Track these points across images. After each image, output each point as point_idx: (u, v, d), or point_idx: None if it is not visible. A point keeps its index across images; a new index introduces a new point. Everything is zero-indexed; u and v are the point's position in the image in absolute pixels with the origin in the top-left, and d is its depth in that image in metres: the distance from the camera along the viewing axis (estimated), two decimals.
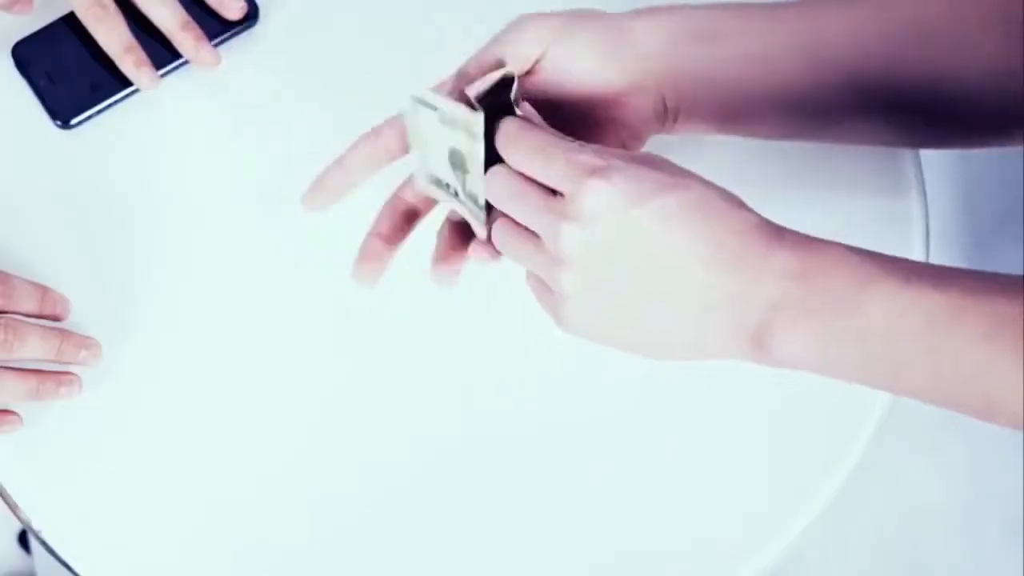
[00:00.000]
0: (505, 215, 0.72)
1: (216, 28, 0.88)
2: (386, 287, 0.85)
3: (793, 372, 0.84)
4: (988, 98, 0.79)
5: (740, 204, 0.69)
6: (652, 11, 0.78)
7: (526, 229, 0.71)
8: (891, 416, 0.86)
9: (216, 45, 0.88)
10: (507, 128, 0.71)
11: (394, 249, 0.78)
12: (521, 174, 0.71)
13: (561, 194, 0.69)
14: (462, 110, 0.70)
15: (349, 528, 0.81)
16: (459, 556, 0.81)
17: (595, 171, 0.68)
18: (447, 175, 0.74)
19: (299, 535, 0.81)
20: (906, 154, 0.89)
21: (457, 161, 0.73)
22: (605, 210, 0.68)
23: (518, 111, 0.73)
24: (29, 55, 0.87)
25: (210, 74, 0.88)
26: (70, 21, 0.87)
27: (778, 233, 0.68)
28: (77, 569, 0.80)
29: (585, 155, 0.69)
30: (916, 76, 0.79)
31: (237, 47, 0.89)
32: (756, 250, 0.68)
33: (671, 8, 0.78)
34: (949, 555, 1.03)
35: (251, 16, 0.89)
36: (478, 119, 0.69)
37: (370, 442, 0.82)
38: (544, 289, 0.72)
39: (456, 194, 0.74)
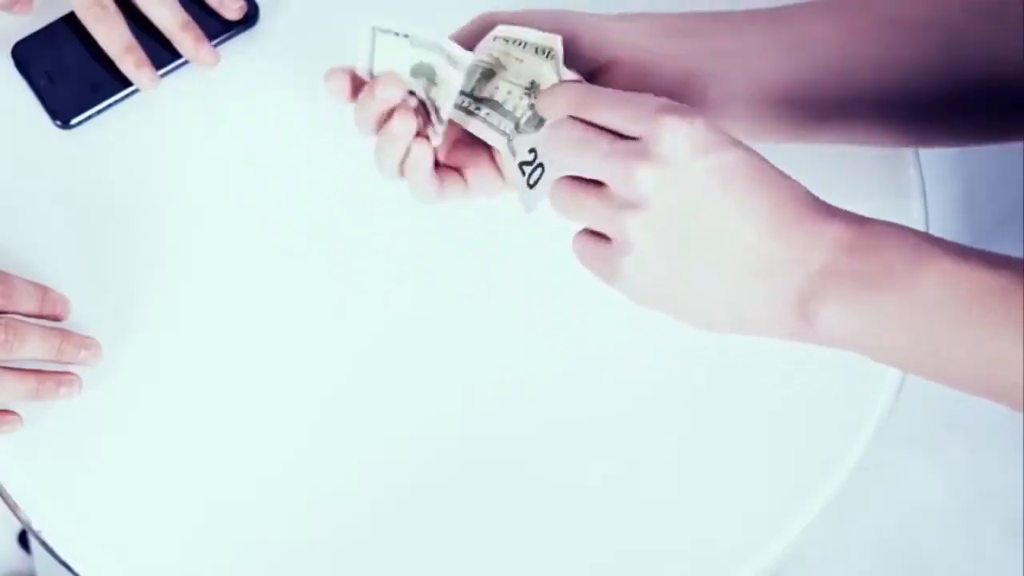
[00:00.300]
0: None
1: (216, 28, 0.88)
2: (386, 287, 0.85)
3: (792, 371, 0.84)
4: (985, 93, 0.79)
5: (790, 177, 0.70)
6: (632, 14, 0.78)
7: (589, 184, 0.70)
8: (891, 416, 0.86)
9: (216, 45, 0.88)
10: (571, 91, 0.71)
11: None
12: (587, 125, 0.70)
13: (633, 139, 0.69)
14: (454, 47, 0.72)
15: (349, 528, 0.81)
16: (459, 556, 0.81)
17: (672, 109, 0.68)
18: (407, 82, 0.75)
19: (299, 535, 0.81)
20: (907, 154, 0.89)
21: (422, 71, 0.74)
22: (682, 151, 0.67)
23: (570, 74, 0.73)
24: (29, 55, 0.87)
25: (210, 74, 0.88)
26: (70, 21, 0.87)
27: (828, 207, 0.69)
28: (77, 569, 0.80)
29: (659, 100, 0.69)
30: (906, 75, 0.79)
31: (237, 47, 0.88)
32: (811, 217, 0.68)
33: (652, 12, 0.79)
34: (949, 555, 1.03)
35: (251, 16, 0.89)
36: (467, 56, 0.72)
37: (370, 442, 0.82)
38: (596, 245, 0.71)
39: (412, 93, 0.75)
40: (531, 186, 0.76)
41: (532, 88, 0.76)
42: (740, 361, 0.84)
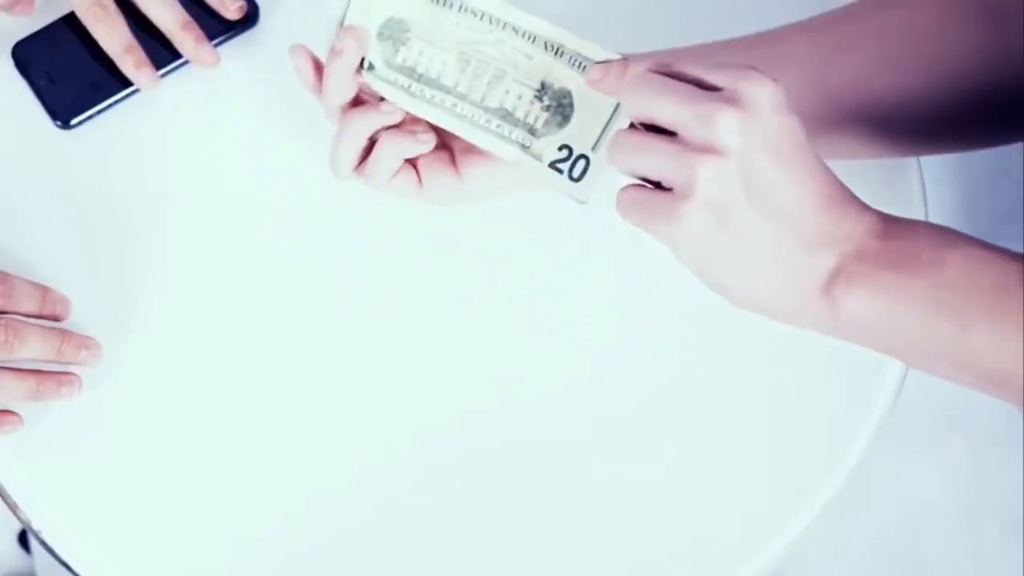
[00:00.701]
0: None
1: (216, 28, 0.88)
2: (386, 288, 0.85)
3: (792, 371, 0.84)
4: (963, 99, 0.80)
5: None
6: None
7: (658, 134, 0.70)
8: (891, 416, 0.86)
9: (216, 45, 0.88)
10: (647, 58, 0.72)
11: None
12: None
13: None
14: None
15: (349, 529, 0.81)
16: (458, 556, 0.81)
17: (757, 68, 0.68)
18: (370, 52, 0.76)
19: (299, 535, 0.81)
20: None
21: (390, 32, 0.75)
22: (766, 104, 0.67)
23: (609, 52, 0.74)
24: (29, 55, 0.87)
25: (210, 74, 0.88)
26: (70, 21, 0.87)
27: (861, 200, 0.71)
28: (77, 569, 0.80)
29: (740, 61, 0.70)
30: (886, 85, 0.79)
31: (237, 47, 0.89)
32: (853, 203, 0.70)
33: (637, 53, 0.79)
34: (949, 555, 1.04)
35: (251, 16, 0.89)
36: None
37: (370, 442, 0.82)
38: (650, 192, 0.70)
39: (371, 67, 0.76)
40: (577, 179, 0.76)
41: (543, 90, 0.75)
42: (740, 361, 0.84)
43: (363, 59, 0.77)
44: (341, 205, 0.86)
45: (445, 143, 0.81)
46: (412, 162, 0.80)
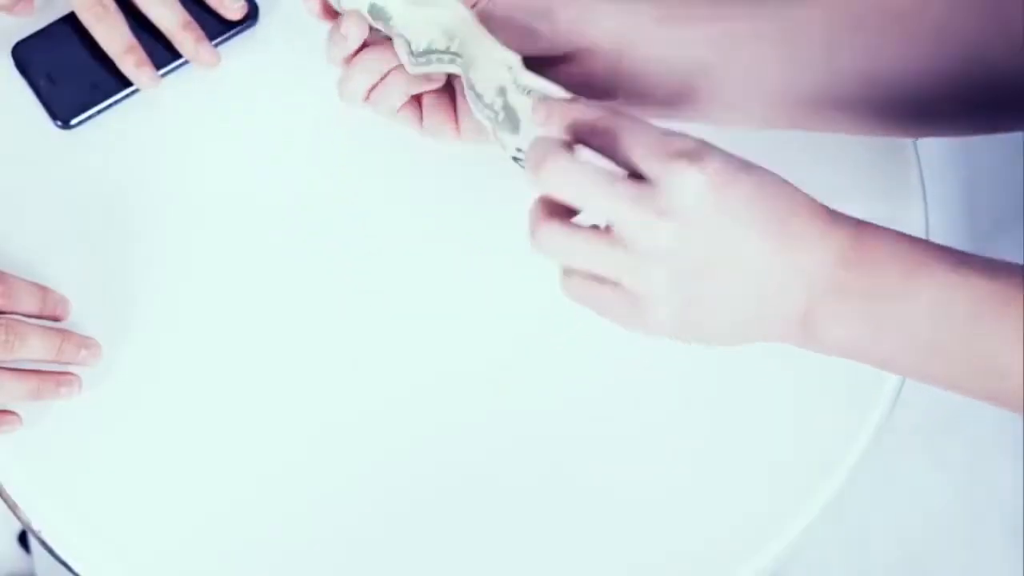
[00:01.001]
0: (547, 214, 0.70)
1: (216, 28, 0.88)
2: (387, 287, 0.85)
3: (792, 372, 0.84)
4: (973, 82, 0.80)
5: (793, 185, 0.69)
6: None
7: (587, 227, 0.69)
8: (891, 416, 0.86)
9: (216, 45, 0.88)
10: (577, 111, 0.69)
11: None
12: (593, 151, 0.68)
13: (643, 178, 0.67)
14: None
15: (349, 528, 0.81)
16: (459, 556, 0.81)
17: (686, 155, 0.66)
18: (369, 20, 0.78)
19: (299, 535, 0.81)
20: (907, 155, 0.89)
21: (376, 14, 0.77)
22: (701, 203, 0.66)
23: (558, 91, 0.71)
24: (29, 55, 0.87)
25: (210, 74, 0.88)
26: (70, 21, 0.87)
27: (833, 216, 0.69)
28: (77, 569, 0.80)
29: (671, 141, 0.67)
30: (893, 64, 0.79)
31: (237, 47, 0.89)
32: (814, 232, 0.68)
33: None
34: (949, 555, 1.04)
35: (251, 16, 0.89)
36: None
37: (371, 442, 0.82)
38: (610, 294, 0.69)
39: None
40: None
41: (503, 92, 0.75)
42: (740, 362, 0.84)
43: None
44: (341, 205, 0.86)
45: (451, 83, 0.81)
46: (418, 100, 0.81)
